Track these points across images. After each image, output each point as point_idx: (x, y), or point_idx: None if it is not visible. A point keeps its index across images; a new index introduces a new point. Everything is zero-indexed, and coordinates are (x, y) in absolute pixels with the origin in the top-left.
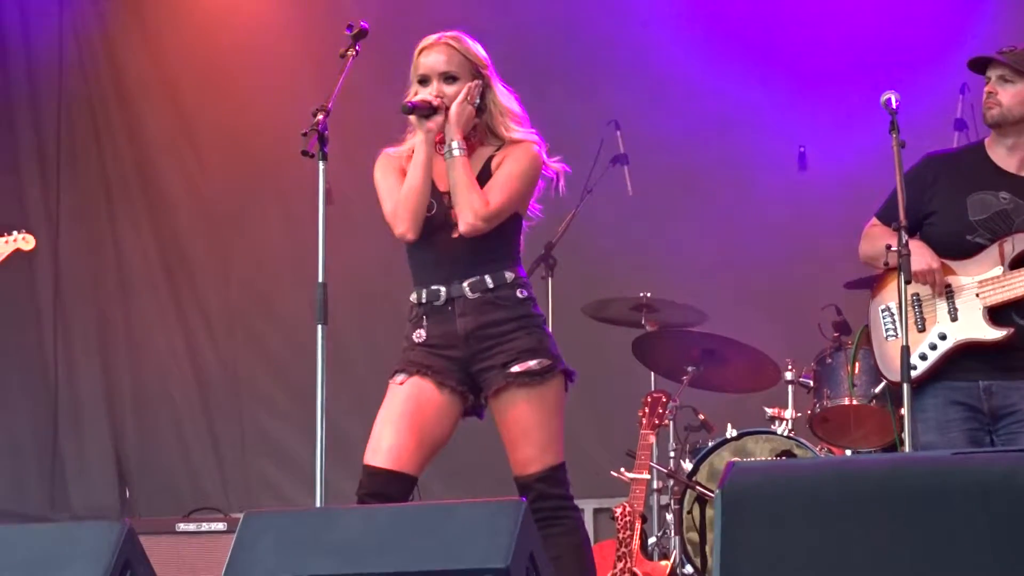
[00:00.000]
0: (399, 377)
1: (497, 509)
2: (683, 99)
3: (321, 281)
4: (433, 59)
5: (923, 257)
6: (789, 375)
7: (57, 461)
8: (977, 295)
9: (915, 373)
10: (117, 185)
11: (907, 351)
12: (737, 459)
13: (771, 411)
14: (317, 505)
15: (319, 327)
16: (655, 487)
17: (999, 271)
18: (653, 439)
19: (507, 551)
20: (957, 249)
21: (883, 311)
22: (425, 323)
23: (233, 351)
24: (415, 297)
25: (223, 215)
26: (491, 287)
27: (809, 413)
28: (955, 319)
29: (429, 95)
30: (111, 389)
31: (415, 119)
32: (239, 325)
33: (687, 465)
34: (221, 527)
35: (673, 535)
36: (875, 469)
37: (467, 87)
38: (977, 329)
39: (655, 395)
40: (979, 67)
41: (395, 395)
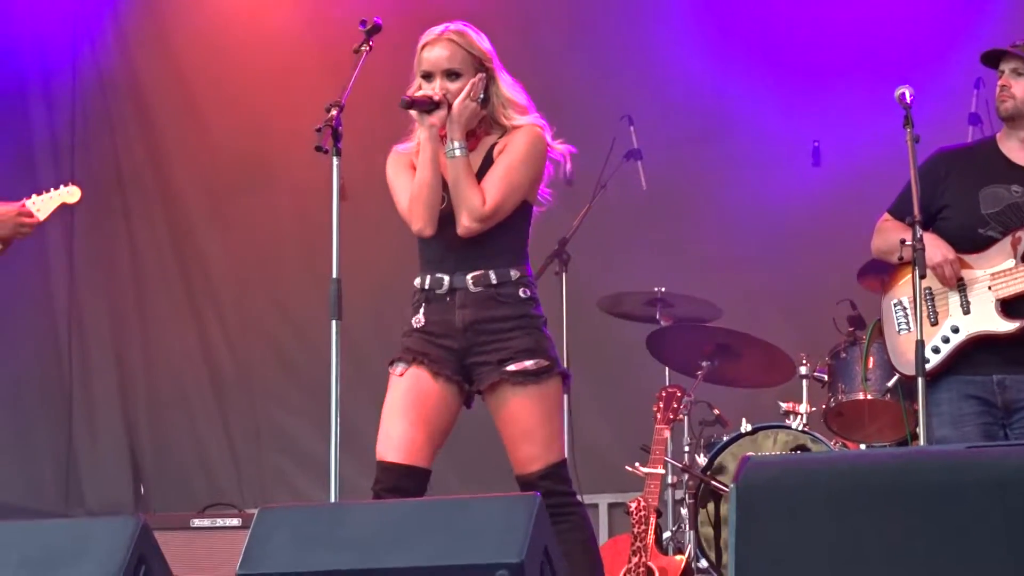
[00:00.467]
0: (398, 368)
1: (511, 504)
2: (697, 94)
3: (335, 277)
4: (436, 54)
5: (939, 249)
6: (803, 369)
7: (71, 457)
8: (989, 288)
9: (928, 366)
10: (131, 181)
11: (922, 345)
12: (752, 453)
13: (785, 406)
14: (332, 500)
15: (333, 323)
16: (670, 482)
17: (1011, 263)
18: (668, 434)
19: (521, 546)
20: (969, 242)
21: (895, 305)
22: (424, 309)
23: (247, 347)
24: (419, 282)
25: (237, 211)
26: (494, 283)
27: (824, 407)
28: (967, 312)
29: (432, 91)
30: (125, 385)
31: (416, 115)
32: (253, 321)
33: (702, 460)
34: (236, 523)
35: (688, 530)
36: (890, 463)
37: (470, 83)
38: (990, 322)
39: (670, 390)
40: (992, 61)
41: (396, 388)
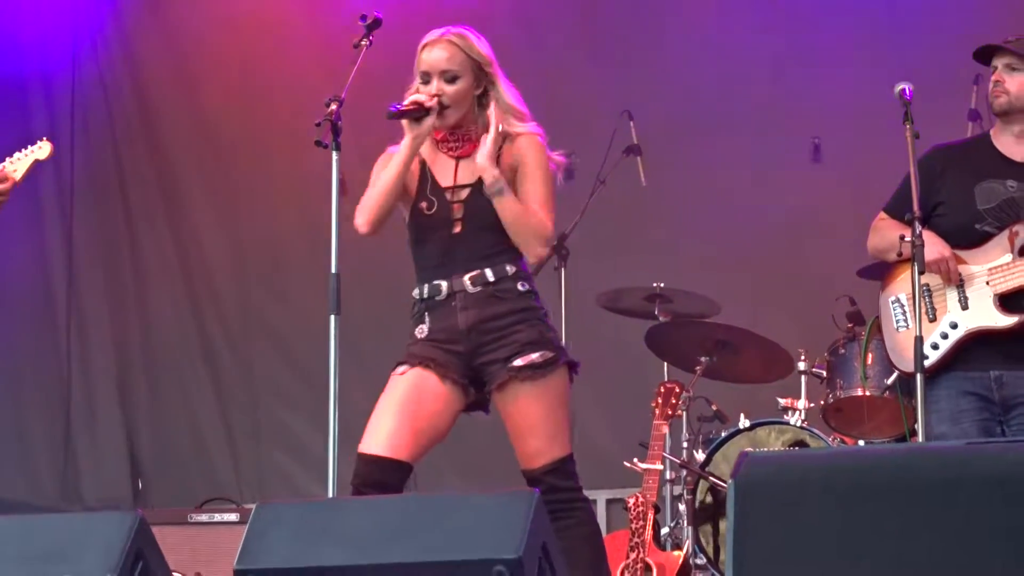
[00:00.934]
0: (401, 368)
1: (509, 500)
2: (697, 89)
3: (335, 272)
4: (435, 56)
5: (936, 246)
6: (802, 366)
7: (70, 452)
8: (987, 283)
9: (927, 363)
10: (131, 177)
11: (920, 341)
12: (750, 449)
13: (784, 401)
14: (330, 496)
15: (332, 318)
16: (668, 477)
17: (1009, 258)
18: (666, 429)
19: (519, 542)
20: (966, 238)
21: (893, 302)
22: (427, 319)
23: (246, 342)
24: (417, 293)
25: (237, 206)
26: (492, 280)
27: (822, 404)
28: (966, 308)
29: (426, 95)
30: (124, 380)
31: (406, 123)
32: (253, 316)
33: (700, 455)
34: (234, 518)
35: (686, 525)
36: (889, 459)
37: (493, 121)
38: (988, 317)
39: (668, 385)
40: (985, 56)
41: (395, 385)
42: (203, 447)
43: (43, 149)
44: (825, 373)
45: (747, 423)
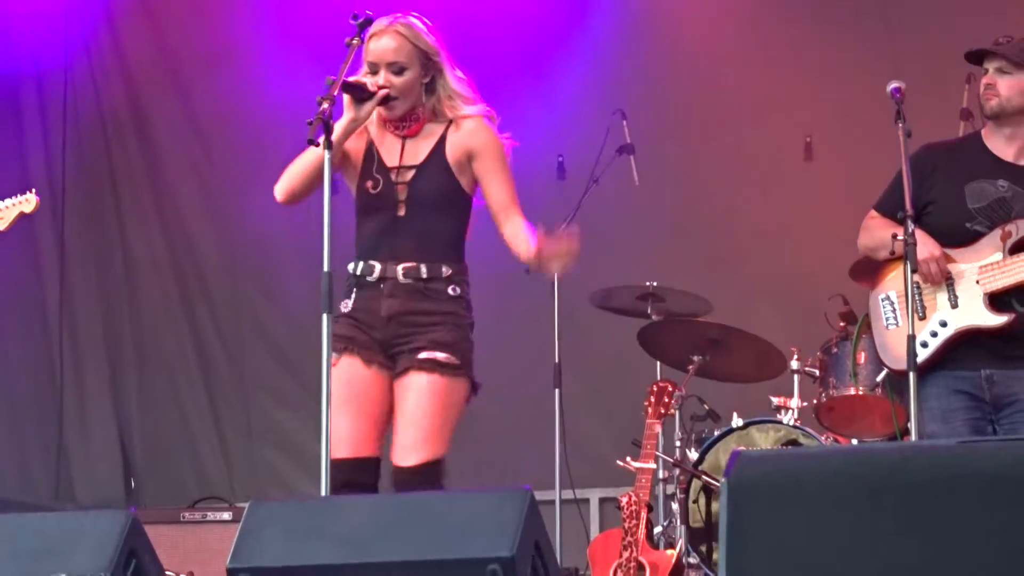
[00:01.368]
0: (333, 356)
1: (503, 498)
2: (689, 89)
3: (326, 270)
4: (382, 46)
5: (925, 246)
6: (795, 364)
7: (62, 451)
8: (977, 282)
9: (917, 360)
10: (123, 176)
11: (913, 339)
12: (743, 448)
13: (777, 400)
14: (323, 495)
15: (324, 316)
16: (661, 476)
17: (999, 257)
18: (659, 428)
19: (512, 540)
20: (956, 237)
21: (883, 300)
22: (354, 295)
23: (239, 341)
24: (351, 267)
25: (229, 204)
26: (424, 277)
27: (815, 402)
28: (956, 306)
29: (374, 84)
30: (116, 378)
31: (349, 99)
32: (245, 315)
33: (693, 454)
34: (227, 517)
35: (679, 524)
36: (881, 458)
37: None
38: (978, 316)
39: (661, 384)
40: (976, 59)
41: (336, 381)
42: (196, 446)
43: (29, 203)
44: (818, 372)
45: (740, 422)
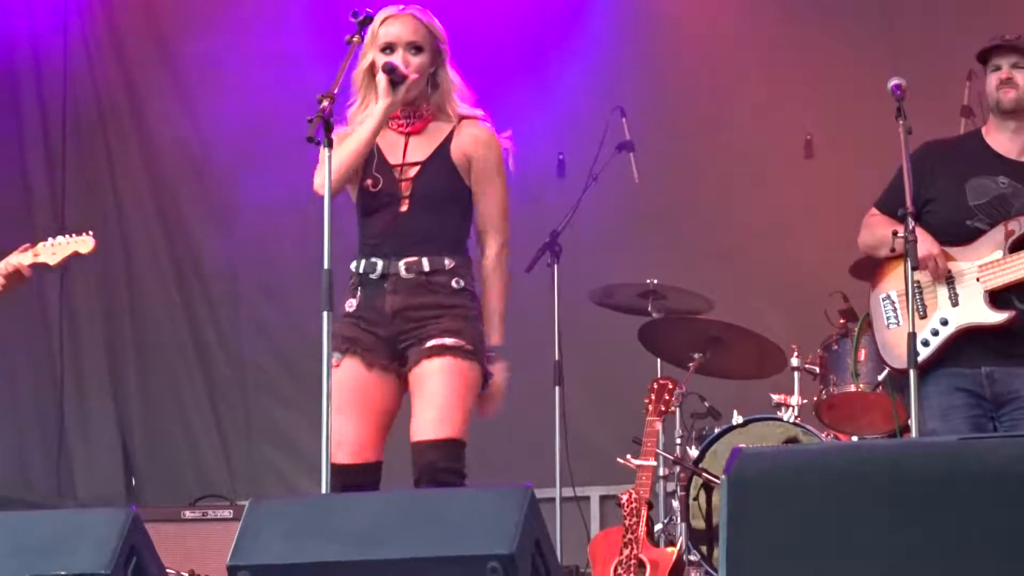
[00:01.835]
0: (334, 358)
1: (503, 496)
2: (689, 85)
3: (327, 268)
4: (399, 28)
5: (924, 243)
6: (795, 362)
7: (63, 449)
8: (978, 279)
9: (918, 359)
10: (123, 173)
11: (914, 337)
12: (743, 445)
13: (777, 398)
14: (323, 492)
15: (324, 314)
16: (661, 474)
17: (999, 255)
18: (659, 426)
19: (512, 538)
20: (957, 235)
21: (883, 299)
22: (359, 294)
23: (239, 338)
24: (354, 266)
25: (229, 202)
26: (427, 271)
27: (815, 400)
28: (956, 304)
29: (400, 61)
30: (117, 377)
31: (386, 83)
32: (245, 312)
33: (693, 452)
34: (227, 515)
35: (679, 522)
36: (881, 455)
37: None
38: (978, 313)
39: (661, 382)
40: (983, 56)
41: (338, 384)
42: (196, 444)
43: (87, 244)
44: (818, 369)
45: (740, 419)
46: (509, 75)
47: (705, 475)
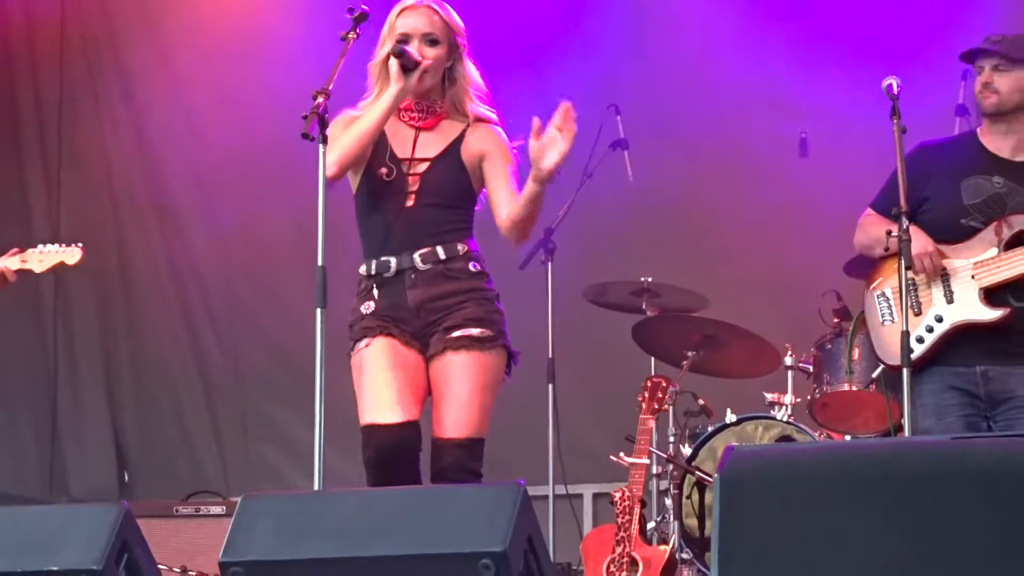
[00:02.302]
0: (362, 343)
1: (496, 493)
2: (683, 84)
3: (320, 264)
4: (416, 20)
5: (918, 241)
6: (789, 360)
7: (56, 444)
8: (972, 277)
9: (912, 356)
10: (119, 168)
11: (907, 336)
12: (736, 443)
13: (771, 396)
14: (316, 488)
15: (318, 311)
16: (654, 472)
17: (994, 252)
18: (653, 424)
19: (505, 535)
20: (951, 233)
21: (879, 297)
22: (375, 295)
23: (233, 334)
24: (364, 269)
25: (225, 199)
26: (443, 258)
27: (809, 399)
28: (951, 301)
29: (420, 55)
30: (111, 372)
31: (398, 68)
32: (239, 309)
33: (686, 450)
34: (220, 511)
35: (672, 520)
36: (875, 454)
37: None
38: (973, 310)
39: (655, 380)
40: (970, 58)
41: (371, 357)
42: (190, 440)
43: (74, 256)
44: (812, 368)
45: (733, 418)
46: (504, 73)
47: (698, 473)
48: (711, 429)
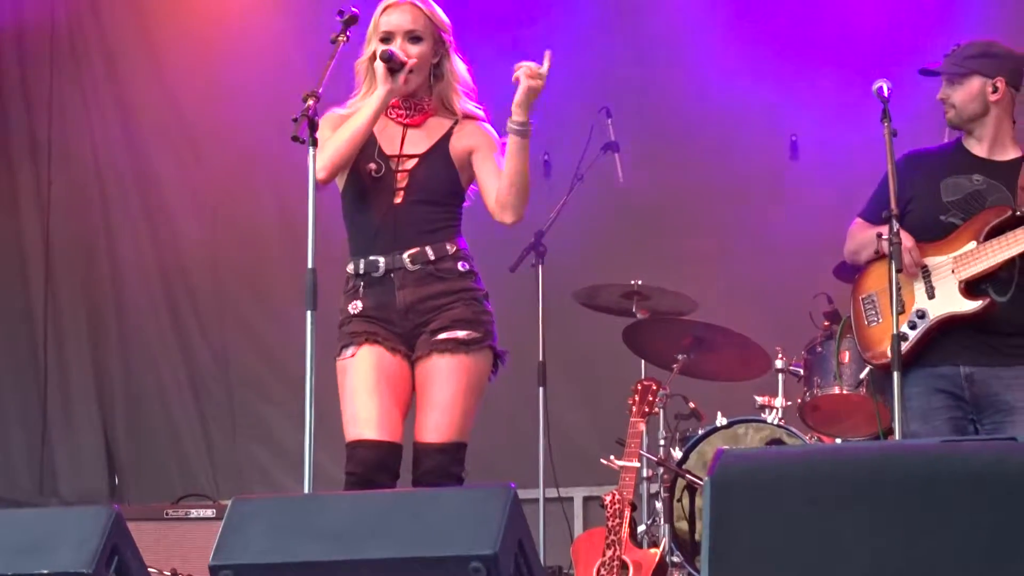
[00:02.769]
0: (348, 351)
1: (486, 496)
2: (674, 86)
3: (311, 267)
4: (399, 18)
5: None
6: (779, 363)
7: (46, 447)
8: (952, 271)
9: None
10: (108, 170)
11: (898, 339)
12: (727, 447)
13: (761, 399)
14: (306, 491)
15: (308, 313)
16: (645, 475)
17: (973, 245)
18: (643, 427)
19: (495, 538)
20: (932, 231)
21: (864, 300)
22: (362, 294)
23: (223, 337)
24: (352, 268)
25: (215, 201)
26: (432, 259)
27: (799, 402)
28: (932, 296)
29: (398, 50)
30: (101, 374)
31: (385, 71)
32: (229, 311)
33: (677, 453)
34: (210, 513)
35: (663, 523)
36: (864, 457)
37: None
38: (954, 303)
39: (645, 383)
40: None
41: (357, 368)
42: (180, 442)
43: None
44: (802, 371)
45: (724, 421)
46: (493, 75)
47: (689, 476)
48: (701, 432)
